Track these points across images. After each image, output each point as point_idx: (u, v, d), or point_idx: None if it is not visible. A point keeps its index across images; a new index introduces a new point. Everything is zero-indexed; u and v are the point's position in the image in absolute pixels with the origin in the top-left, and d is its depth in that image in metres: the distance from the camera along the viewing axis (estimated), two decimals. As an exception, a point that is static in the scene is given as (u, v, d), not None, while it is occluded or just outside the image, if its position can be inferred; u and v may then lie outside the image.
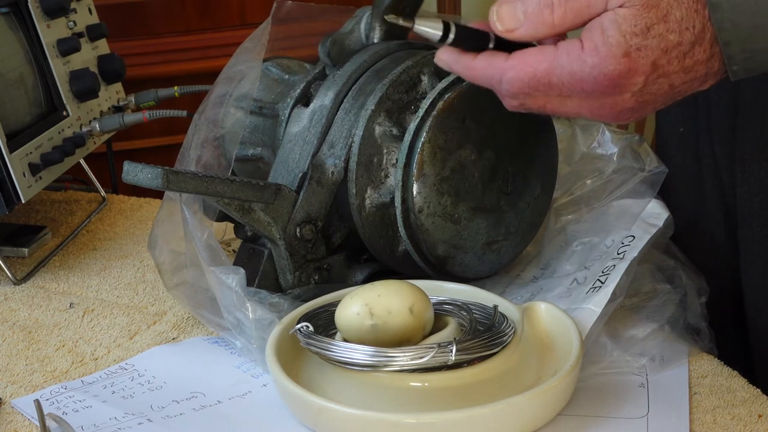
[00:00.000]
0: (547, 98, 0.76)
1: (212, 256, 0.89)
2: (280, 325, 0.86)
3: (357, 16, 1.00)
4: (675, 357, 0.87)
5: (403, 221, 0.91)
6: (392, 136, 0.91)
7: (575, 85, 0.73)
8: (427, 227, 0.91)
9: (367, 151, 0.91)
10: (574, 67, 0.72)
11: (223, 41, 2.07)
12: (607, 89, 0.73)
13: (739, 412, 0.81)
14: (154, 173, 0.84)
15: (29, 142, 1.11)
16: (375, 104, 0.91)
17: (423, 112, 0.90)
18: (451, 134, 0.90)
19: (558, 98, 0.75)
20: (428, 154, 0.90)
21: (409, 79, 0.93)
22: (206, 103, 0.98)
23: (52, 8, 1.19)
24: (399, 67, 0.93)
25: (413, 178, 0.90)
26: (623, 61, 0.71)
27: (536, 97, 0.76)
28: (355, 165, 0.91)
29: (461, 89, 0.90)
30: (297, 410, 0.81)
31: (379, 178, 0.92)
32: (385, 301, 0.80)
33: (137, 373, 0.90)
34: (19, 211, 1.27)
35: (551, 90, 0.75)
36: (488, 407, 0.74)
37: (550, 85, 0.74)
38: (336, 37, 0.98)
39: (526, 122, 0.93)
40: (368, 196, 0.92)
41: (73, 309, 1.03)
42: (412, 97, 0.93)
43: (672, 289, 0.92)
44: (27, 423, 0.84)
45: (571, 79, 0.73)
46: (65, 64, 1.21)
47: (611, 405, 0.81)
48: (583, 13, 0.72)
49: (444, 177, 0.91)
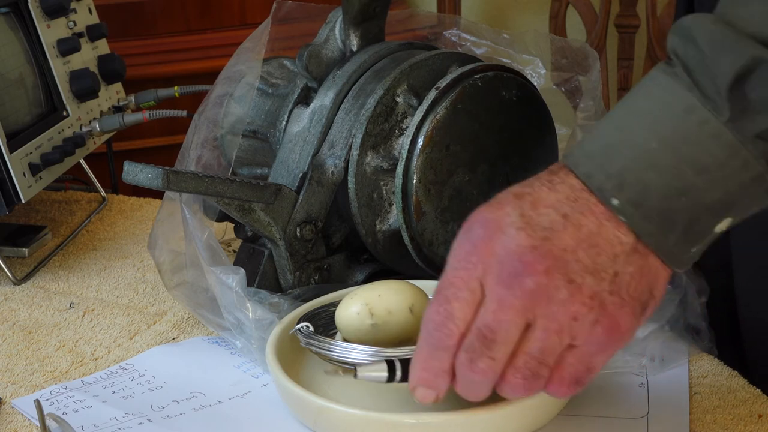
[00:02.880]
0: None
1: (212, 256, 0.89)
2: (280, 325, 0.86)
3: (330, 22, 0.99)
4: (675, 357, 0.87)
5: (416, 254, 0.92)
6: (384, 170, 0.91)
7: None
8: (440, 254, 0.91)
9: (364, 192, 0.91)
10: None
11: (223, 41, 2.06)
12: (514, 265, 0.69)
13: (740, 412, 0.81)
14: (154, 173, 0.84)
15: (29, 142, 1.11)
16: (359, 147, 0.91)
17: (406, 152, 0.89)
18: (439, 166, 0.90)
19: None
20: (422, 193, 0.89)
21: (385, 108, 0.92)
22: (206, 103, 0.98)
23: (52, 8, 1.19)
24: (370, 99, 0.91)
25: (414, 219, 0.90)
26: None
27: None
28: (357, 209, 0.91)
29: (437, 119, 0.89)
30: (297, 410, 0.81)
31: (384, 208, 0.92)
32: (385, 301, 0.80)
33: (137, 373, 0.90)
34: (19, 211, 1.27)
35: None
36: (488, 407, 0.74)
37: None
38: (312, 49, 0.97)
39: (516, 123, 0.93)
40: (378, 230, 0.92)
41: (73, 309, 1.03)
42: (394, 122, 0.92)
43: (672, 289, 0.91)
44: (27, 423, 0.84)
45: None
46: (65, 64, 1.21)
47: (611, 405, 0.81)
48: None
49: (444, 207, 0.91)
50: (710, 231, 0.69)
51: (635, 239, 0.68)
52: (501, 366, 0.69)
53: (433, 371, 0.71)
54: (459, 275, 0.70)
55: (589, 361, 0.70)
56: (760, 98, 0.66)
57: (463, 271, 0.69)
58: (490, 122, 0.92)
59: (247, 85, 0.98)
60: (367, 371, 0.74)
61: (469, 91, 0.90)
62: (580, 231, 0.68)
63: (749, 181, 0.67)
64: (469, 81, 0.91)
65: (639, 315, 0.69)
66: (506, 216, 0.69)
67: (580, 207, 0.69)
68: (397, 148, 0.92)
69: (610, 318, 0.68)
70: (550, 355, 0.69)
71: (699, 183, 0.67)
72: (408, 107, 0.92)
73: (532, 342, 0.69)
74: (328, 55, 0.98)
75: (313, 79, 0.97)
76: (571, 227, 0.68)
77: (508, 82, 0.93)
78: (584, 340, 0.68)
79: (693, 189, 0.67)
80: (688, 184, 0.67)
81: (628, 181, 0.68)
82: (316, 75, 0.97)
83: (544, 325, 0.68)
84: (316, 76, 0.97)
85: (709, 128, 0.67)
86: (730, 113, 0.66)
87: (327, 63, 0.98)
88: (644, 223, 0.68)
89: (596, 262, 0.68)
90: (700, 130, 0.67)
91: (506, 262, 0.68)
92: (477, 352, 0.69)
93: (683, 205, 0.68)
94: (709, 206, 0.68)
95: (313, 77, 0.97)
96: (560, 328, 0.68)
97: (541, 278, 0.67)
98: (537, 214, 0.69)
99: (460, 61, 0.94)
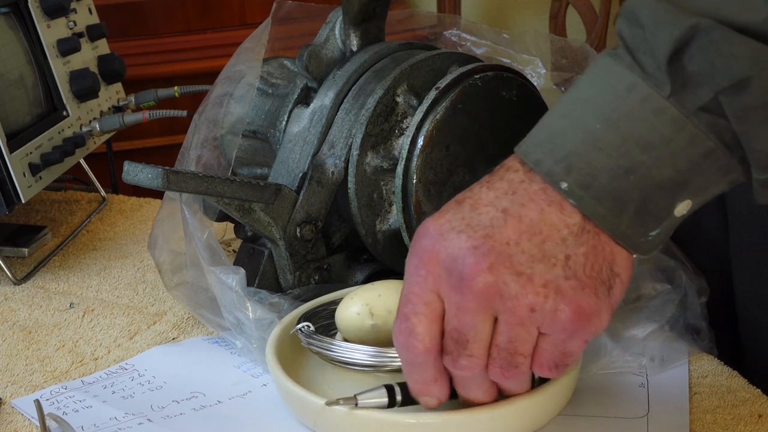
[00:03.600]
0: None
1: (212, 256, 0.89)
2: (280, 325, 0.86)
3: (330, 22, 0.99)
4: (675, 357, 0.87)
5: None
6: (384, 170, 0.91)
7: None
8: None
9: (364, 192, 0.91)
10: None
11: (223, 41, 2.07)
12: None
13: (740, 412, 0.81)
14: (154, 173, 0.84)
15: (29, 142, 1.11)
16: (359, 147, 0.91)
17: (406, 152, 0.89)
18: (439, 166, 0.90)
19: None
20: (422, 193, 0.89)
21: (385, 108, 0.91)
22: (206, 103, 0.98)
23: (52, 8, 1.19)
24: (371, 99, 0.91)
25: (414, 219, 0.90)
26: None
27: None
28: (357, 209, 0.91)
29: (437, 119, 0.89)
30: (297, 410, 0.81)
31: (384, 208, 0.92)
32: (385, 301, 0.80)
33: (137, 373, 0.90)
34: (19, 211, 1.27)
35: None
36: (488, 407, 0.74)
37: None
38: (312, 49, 0.97)
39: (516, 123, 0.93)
40: (378, 230, 0.92)
41: (73, 309, 1.03)
42: (394, 122, 0.92)
43: (672, 289, 0.91)
44: (27, 423, 0.84)
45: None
46: (65, 64, 1.21)
47: (611, 405, 0.81)
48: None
49: None
50: (669, 213, 0.68)
51: (582, 218, 0.68)
52: (482, 360, 0.70)
53: (420, 382, 0.72)
54: (413, 290, 0.70)
55: (564, 347, 0.69)
56: (699, 69, 0.65)
57: (416, 286, 0.70)
58: (490, 122, 0.92)
59: (247, 85, 0.98)
60: (367, 398, 0.75)
61: (469, 91, 0.90)
62: (521, 222, 0.68)
63: (699, 157, 0.66)
64: (469, 81, 0.91)
65: (604, 295, 0.68)
66: (447, 222, 0.69)
67: (519, 198, 0.68)
68: (397, 148, 0.92)
69: (571, 303, 0.67)
70: (522, 345, 0.69)
71: (646, 160, 0.66)
72: (408, 107, 0.92)
73: (500, 335, 0.69)
74: (328, 55, 0.98)
75: (313, 79, 0.97)
76: (512, 220, 0.68)
77: (508, 82, 0.93)
78: (551, 329, 0.68)
79: (641, 167, 0.66)
80: (635, 163, 0.66)
81: (575, 164, 0.67)
82: (316, 75, 0.97)
83: (506, 320, 0.68)
84: (316, 76, 0.97)
85: (652, 104, 0.66)
86: (671, 87, 0.66)
87: (327, 63, 0.98)
88: (595, 204, 0.67)
89: (543, 250, 0.67)
90: (642, 106, 0.66)
91: (452, 267, 0.68)
92: (455, 352, 0.70)
93: (633, 185, 0.67)
94: (659, 184, 0.67)
95: (313, 77, 0.97)
96: (521, 320, 0.68)
97: (488, 276, 0.67)
98: (477, 214, 0.68)
99: (460, 61, 0.94)
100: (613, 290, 0.69)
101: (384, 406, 0.75)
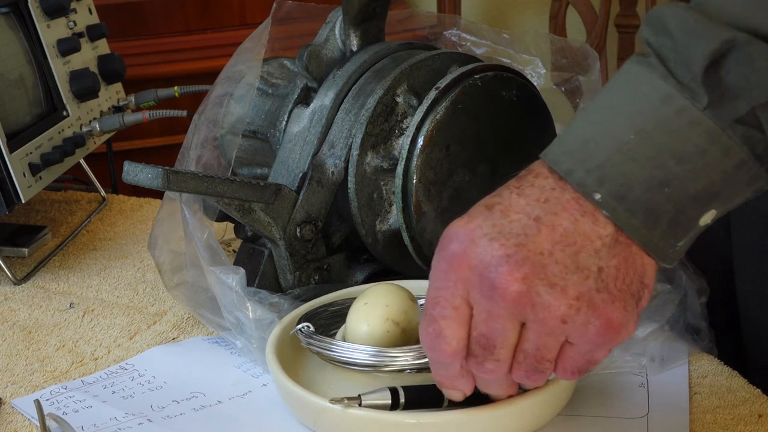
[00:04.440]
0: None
1: (212, 256, 0.89)
2: (280, 325, 0.86)
3: (330, 22, 0.99)
4: (675, 357, 0.87)
5: (416, 254, 0.92)
6: (384, 170, 0.91)
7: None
8: None
9: (364, 192, 0.91)
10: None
11: (223, 41, 2.06)
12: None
13: (740, 412, 0.81)
14: (154, 173, 0.84)
15: (29, 142, 1.11)
16: (359, 147, 0.91)
17: (406, 152, 0.89)
18: (439, 166, 0.90)
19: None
20: (422, 193, 0.89)
21: (385, 108, 0.91)
22: (206, 103, 0.98)
23: (52, 8, 1.19)
24: (371, 99, 0.91)
25: (414, 219, 0.90)
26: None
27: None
28: (357, 209, 0.91)
29: (437, 119, 0.89)
30: (297, 410, 0.81)
31: (384, 208, 0.92)
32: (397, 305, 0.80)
33: (137, 373, 0.90)
34: (19, 211, 1.27)
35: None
36: (488, 407, 0.74)
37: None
38: (312, 49, 0.97)
39: (516, 123, 0.93)
40: (378, 230, 0.92)
41: (73, 309, 1.03)
42: (394, 122, 0.92)
43: (672, 289, 0.91)
44: (27, 423, 0.84)
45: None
46: (65, 64, 1.21)
47: (611, 405, 0.81)
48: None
49: (444, 207, 0.91)
50: (695, 224, 0.68)
51: (615, 230, 0.67)
52: (507, 364, 0.70)
53: (446, 378, 0.72)
54: (441, 294, 0.69)
55: (590, 356, 0.69)
56: (735, 82, 0.65)
57: (444, 290, 0.69)
58: (490, 122, 0.92)
59: (247, 85, 0.98)
60: (371, 399, 0.75)
61: (469, 91, 0.90)
62: (555, 232, 0.67)
63: (732, 168, 0.66)
64: (469, 81, 0.91)
65: (632, 307, 0.68)
66: (478, 228, 0.68)
67: (551, 207, 0.68)
68: (397, 148, 0.92)
69: (601, 317, 0.67)
70: (548, 352, 0.69)
71: (681, 173, 0.66)
72: (408, 107, 0.92)
73: (527, 342, 0.69)
74: (328, 55, 0.98)
75: (313, 79, 0.97)
76: (545, 229, 0.67)
77: (508, 82, 0.93)
78: (579, 339, 0.68)
79: (675, 179, 0.66)
80: (670, 175, 0.66)
81: (609, 174, 0.67)
82: (316, 75, 0.97)
83: (535, 329, 0.68)
84: (316, 76, 0.97)
85: (687, 116, 0.66)
86: (708, 99, 0.65)
87: (327, 63, 0.98)
88: (629, 217, 0.67)
89: (577, 261, 0.67)
90: (678, 118, 0.66)
91: (484, 274, 0.67)
92: (481, 356, 0.69)
93: (667, 197, 0.66)
94: (693, 196, 0.67)
95: (313, 77, 0.97)
96: (551, 330, 0.67)
97: (521, 286, 0.66)
98: (509, 221, 0.68)
99: (460, 61, 0.94)
100: (640, 302, 0.69)
101: (387, 408, 0.75)
